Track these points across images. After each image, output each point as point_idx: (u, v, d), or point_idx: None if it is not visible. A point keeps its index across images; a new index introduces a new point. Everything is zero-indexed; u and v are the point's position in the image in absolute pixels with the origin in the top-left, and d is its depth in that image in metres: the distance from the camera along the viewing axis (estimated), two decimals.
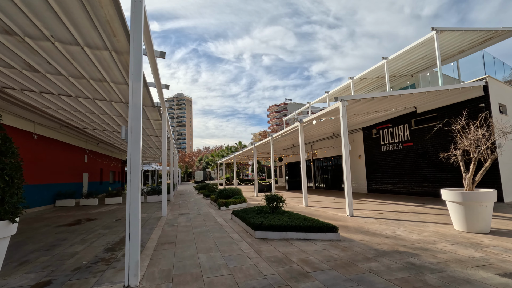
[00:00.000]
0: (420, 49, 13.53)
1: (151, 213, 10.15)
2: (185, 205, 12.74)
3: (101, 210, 11.71)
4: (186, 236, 5.84)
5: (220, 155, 43.65)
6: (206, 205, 12.70)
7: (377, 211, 8.48)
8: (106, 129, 14.98)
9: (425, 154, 12.15)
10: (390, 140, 14.22)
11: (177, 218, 8.72)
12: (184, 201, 14.98)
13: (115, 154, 27.24)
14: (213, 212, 9.71)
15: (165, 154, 9.45)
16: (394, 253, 4.10)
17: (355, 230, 5.73)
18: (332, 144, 19.43)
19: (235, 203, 10.78)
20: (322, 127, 14.35)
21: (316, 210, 9.30)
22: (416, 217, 7.07)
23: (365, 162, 16.13)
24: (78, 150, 17.92)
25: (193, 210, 10.63)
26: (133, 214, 3.37)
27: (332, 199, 12.97)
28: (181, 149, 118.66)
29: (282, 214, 6.52)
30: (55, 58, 5.87)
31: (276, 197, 6.93)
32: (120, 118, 11.71)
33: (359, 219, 7.16)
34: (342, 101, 7.96)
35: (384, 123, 14.61)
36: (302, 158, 10.65)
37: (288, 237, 5.21)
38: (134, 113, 3.49)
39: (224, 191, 11.81)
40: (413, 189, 12.76)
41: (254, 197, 15.81)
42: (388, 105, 9.97)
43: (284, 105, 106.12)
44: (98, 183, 22.32)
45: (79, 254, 4.69)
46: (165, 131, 9.56)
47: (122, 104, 9.32)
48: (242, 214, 6.84)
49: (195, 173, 56.53)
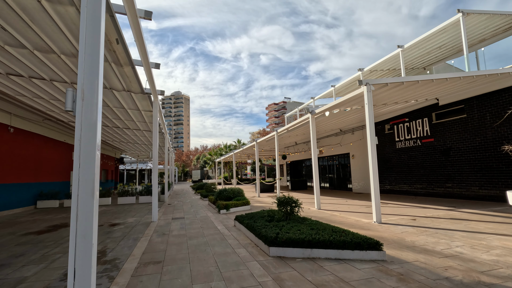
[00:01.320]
0: (440, 36, 12.26)
1: (140, 217, 8.80)
2: (180, 207, 11.39)
3: None
4: (178, 252, 4.51)
5: (218, 153, 42.28)
6: (203, 207, 11.37)
7: (406, 216, 7.19)
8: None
9: (448, 151, 10.89)
10: (406, 135, 12.96)
11: (169, 224, 7.38)
12: (179, 203, 13.63)
13: (108, 152, 25.79)
14: (212, 217, 8.38)
15: (156, 149, 8.11)
16: (478, 286, 2.81)
17: (398, 245, 4.43)
18: (339, 141, 18.15)
19: (237, 206, 9.46)
20: (332, 122, 13.06)
21: (332, 214, 8.00)
22: (461, 225, 5.78)
23: (377, 160, 14.82)
24: (65, 146, 16.49)
25: (189, 214, 9.29)
26: (82, 236, 2.03)
27: (343, 200, 11.68)
28: (179, 148, 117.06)
29: (299, 221, 5.21)
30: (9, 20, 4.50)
31: (290, 200, 5.62)
32: (111, 111, 10.34)
33: (392, 227, 5.86)
34: (367, 85, 6.66)
35: (399, 118, 13.35)
36: (314, 155, 9.35)
37: (313, 256, 3.90)
38: (90, 63, 2.14)
39: (224, 191, 10.48)
40: (433, 190, 11.50)
41: (256, 198, 14.50)
42: (414, 93, 8.68)
43: (283, 104, 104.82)
44: None
45: (25, 283, 3.34)
46: (156, 122, 8.21)
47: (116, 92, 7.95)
48: (249, 222, 5.52)
49: (192, 172, 55.13)
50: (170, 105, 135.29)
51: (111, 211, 10.69)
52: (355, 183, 16.70)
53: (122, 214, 9.69)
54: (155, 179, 8.02)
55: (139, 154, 28.30)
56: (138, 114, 11.04)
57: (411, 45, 12.97)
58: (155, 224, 7.42)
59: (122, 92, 8.23)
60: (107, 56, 5.73)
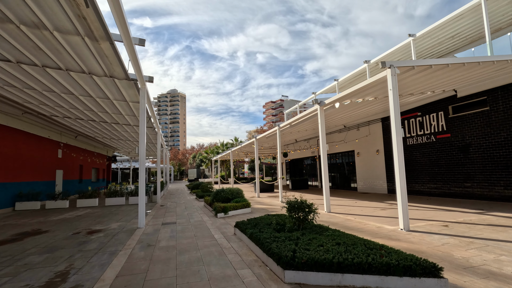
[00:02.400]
0: (457, 22, 11.30)
1: (126, 222, 7.71)
2: (173, 210, 10.30)
3: (65, 217, 9.20)
4: (162, 274, 3.45)
5: (215, 152, 41.14)
6: (199, 209, 10.30)
7: (435, 221, 6.20)
8: (81, 117, 12.46)
9: (467, 148, 9.95)
10: (418, 131, 12.00)
11: (158, 231, 6.30)
12: (172, 204, 12.54)
13: (99, 149, 24.55)
14: (208, 221, 7.32)
15: (143, 144, 7.01)
16: None
17: (450, 265, 3.41)
18: (343, 138, 17.17)
19: (236, 208, 8.41)
20: (338, 116, 12.04)
21: (346, 219, 6.98)
22: (509, 234, 4.80)
23: (385, 158, 13.91)
24: (50, 143, 15.28)
25: (182, 218, 8.22)
26: None
27: (352, 201, 10.68)
28: (175, 146, 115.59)
29: (316, 232, 4.17)
30: None
31: (304, 205, 4.59)
32: (95, 103, 9.17)
33: (426, 236, 4.86)
34: (391, 68, 5.63)
35: (410, 112, 12.38)
36: (323, 151, 8.33)
37: (346, 284, 2.86)
38: None
39: (222, 192, 9.42)
40: (450, 190, 10.56)
41: (256, 199, 13.47)
42: (436, 81, 7.67)
43: (281, 102, 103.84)
44: (77, 182, 19.68)
45: None
46: (143, 112, 7.10)
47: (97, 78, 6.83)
48: (253, 232, 4.47)
49: (188, 171, 53.91)
50: (166, 103, 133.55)
51: (96, 214, 9.57)
52: (360, 182, 15.74)
53: (106, 218, 8.59)
54: (142, 178, 6.93)
55: (130, 152, 27.05)
56: (126, 106, 9.92)
57: (423, 33, 12.00)
58: (141, 231, 6.34)
59: (104, 79, 7.12)
60: (78, 27, 4.63)
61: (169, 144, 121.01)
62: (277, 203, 11.09)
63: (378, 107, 12.00)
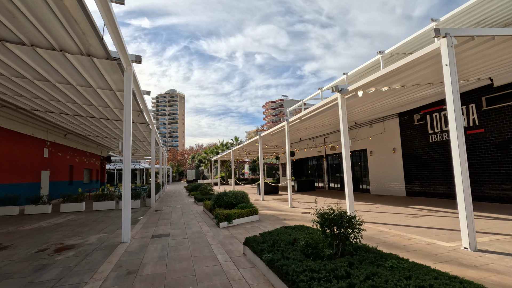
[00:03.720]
0: (487, 4, 10.01)
1: (110, 233, 6.37)
2: (167, 216, 8.96)
3: (41, 225, 7.85)
4: None
5: (214, 152, 39.78)
6: (197, 215, 8.96)
7: (497, 235, 4.88)
8: (65, 112, 11.12)
9: (506, 144, 8.66)
10: (443, 126, 10.70)
11: (145, 247, 4.96)
12: (168, 208, 11.19)
13: (92, 149, 23.16)
14: (209, 233, 5.97)
15: (128, 137, 5.66)
16: None
17: None
18: (354, 136, 15.86)
19: (242, 216, 7.08)
20: (352, 110, 10.73)
21: (379, 231, 5.66)
22: None
23: (403, 157, 12.61)
24: (34, 141, 13.91)
25: (177, 227, 6.88)
26: None
27: (372, 206, 9.37)
28: (173, 147, 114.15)
29: (371, 260, 2.85)
30: None
31: (344, 218, 3.27)
32: (76, 92, 7.78)
33: (509, 260, 3.54)
34: (447, 36, 4.33)
35: (433, 105, 11.09)
36: (344, 147, 7.02)
37: None
38: None
39: (224, 196, 8.08)
40: (483, 192, 9.27)
41: (260, 202, 12.15)
42: (488, 60, 6.36)
43: (281, 102, 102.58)
44: (67, 183, 18.29)
45: None
46: (129, 97, 5.75)
47: (71, 56, 5.48)
48: (273, 257, 3.14)
49: (187, 172, 52.51)
50: (165, 103, 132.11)
51: (77, 222, 8.22)
52: (373, 183, 14.44)
53: (88, 227, 7.24)
54: (127, 180, 5.60)
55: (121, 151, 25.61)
56: (113, 97, 8.59)
57: (448, 17, 10.71)
58: (124, 247, 5.00)
59: (80, 58, 5.79)
60: None
61: (168, 144, 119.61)
62: (286, 208, 9.76)
63: (396, 101, 10.73)
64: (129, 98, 5.76)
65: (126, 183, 5.60)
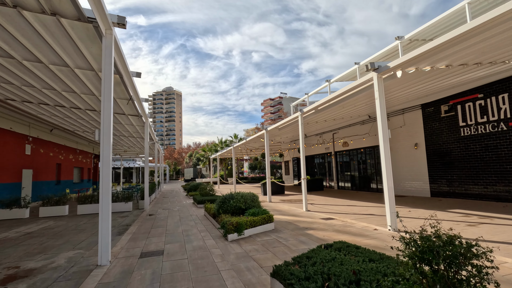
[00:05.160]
0: None
1: (86, 249, 4.96)
2: (163, 223, 7.54)
3: (8, 235, 6.41)
4: None
5: (213, 149, 38.29)
6: (198, 221, 7.55)
7: None
8: (44, 101, 9.66)
9: None
10: (478, 118, 9.38)
11: (128, 277, 3.55)
12: (164, 211, 9.78)
13: (83, 146, 21.62)
14: (216, 252, 4.56)
15: (109, 120, 4.23)
16: None
17: None
18: (368, 131, 14.52)
19: (255, 225, 5.69)
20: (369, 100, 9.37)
21: None
22: None
23: (427, 153, 11.29)
24: (12, 136, 12.40)
25: (174, 240, 5.47)
26: None
27: (404, 210, 8.01)
28: (170, 145, 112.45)
29: None
30: None
31: (457, 248, 1.89)
32: (49, 73, 6.27)
33: None
34: None
35: (466, 94, 9.76)
36: (384, 138, 5.67)
37: None
38: None
39: (231, 199, 6.67)
40: None
41: (268, 204, 10.78)
42: None
43: (279, 99, 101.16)
44: (53, 183, 16.77)
45: None
46: (109, 69, 4.32)
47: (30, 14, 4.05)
48: None
49: (184, 171, 51.01)
50: (162, 101, 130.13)
51: (53, 231, 6.78)
52: None
53: (63, 239, 5.82)
54: (107, 180, 4.19)
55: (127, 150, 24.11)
56: (96, 80, 7.13)
57: None
58: (98, 275, 3.59)
59: (43, 18, 4.34)
60: None
61: (165, 143, 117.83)
62: (301, 213, 8.39)
63: (422, 90, 9.44)
64: (110, 71, 4.32)
65: (105, 184, 4.19)
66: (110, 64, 4.31)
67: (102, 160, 4.20)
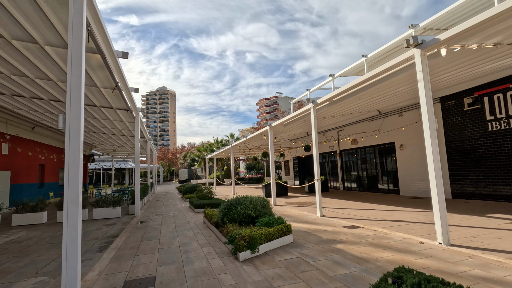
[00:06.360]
0: None
1: (53, 275, 3.75)
2: (155, 233, 6.34)
3: None
4: None
5: (209, 149, 37.01)
6: (198, 230, 6.37)
7: None
8: (18, 93, 8.41)
9: None
10: (510, 111, 8.42)
11: None
12: (157, 218, 8.56)
13: None
14: (227, 280, 3.38)
15: (78, 96, 3.07)
16: None
17: None
18: (378, 127, 13.52)
19: (271, 238, 4.54)
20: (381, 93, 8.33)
21: None
22: None
23: (447, 150, 10.31)
24: None
25: (170, 260, 4.29)
26: None
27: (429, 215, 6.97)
28: (164, 145, 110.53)
29: None
30: None
31: None
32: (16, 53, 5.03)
33: None
34: None
35: (493, 85, 8.80)
36: (431, 132, 4.57)
37: None
38: None
39: (238, 205, 5.52)
40: None
41: (273, 208, 9.64)
42: None
43: (275, 99, 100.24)
44: (36, 186, 15.36)
45: None
46: (78, 25, 3.16)
47: None
48: None
49: (179, 172, 49.53)
50: (155, 101, 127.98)
51: (20, 245, 5.53)
52: (403, 183, 12.13)
53: (27, 259, 4.59)
54: (74, 182, 3.01)
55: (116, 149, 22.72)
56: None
57: None
58: None
59: None
60: None
61: (159, 143, 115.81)
62: (317, 219, 7.28)
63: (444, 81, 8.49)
64: (80, 25, 3.14)
65: (72, 189, 3.00)
66: (81, 18, 3.13)
67: (68, 156, 3.02)
